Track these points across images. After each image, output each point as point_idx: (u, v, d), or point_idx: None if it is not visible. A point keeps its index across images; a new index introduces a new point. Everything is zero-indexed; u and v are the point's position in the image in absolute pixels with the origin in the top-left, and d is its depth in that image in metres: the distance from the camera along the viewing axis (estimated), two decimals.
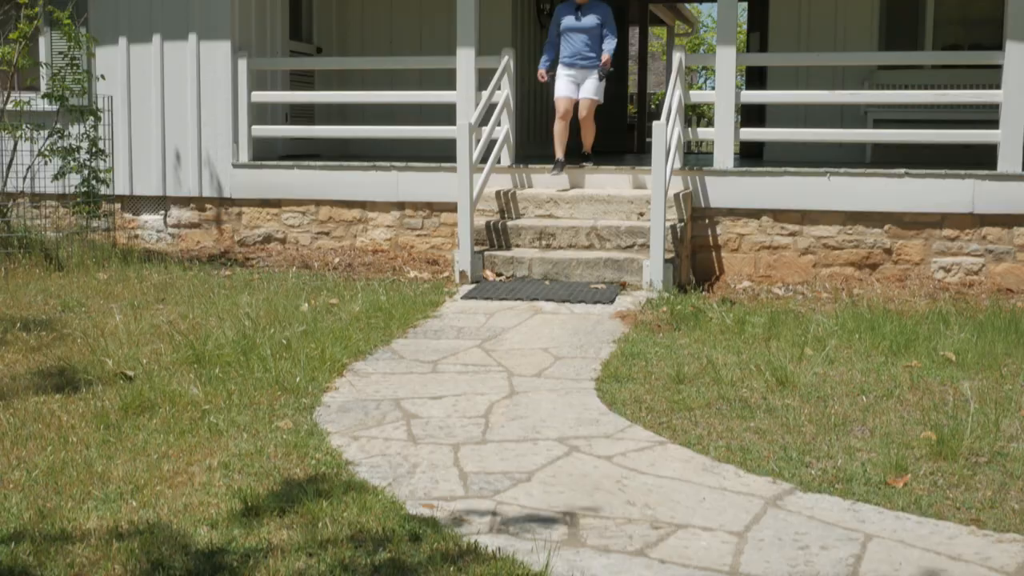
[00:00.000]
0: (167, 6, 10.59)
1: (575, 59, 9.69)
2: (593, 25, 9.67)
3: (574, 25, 9.68)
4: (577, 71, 9.71)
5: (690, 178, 9.59)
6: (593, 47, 9.69)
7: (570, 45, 9.70)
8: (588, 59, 9.69)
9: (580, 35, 9.67)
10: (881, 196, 9.23)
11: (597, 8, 9.73)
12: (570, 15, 9.73)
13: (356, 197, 10.29)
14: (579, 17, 9.69)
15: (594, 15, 9.69)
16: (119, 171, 10.75)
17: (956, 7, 11.56)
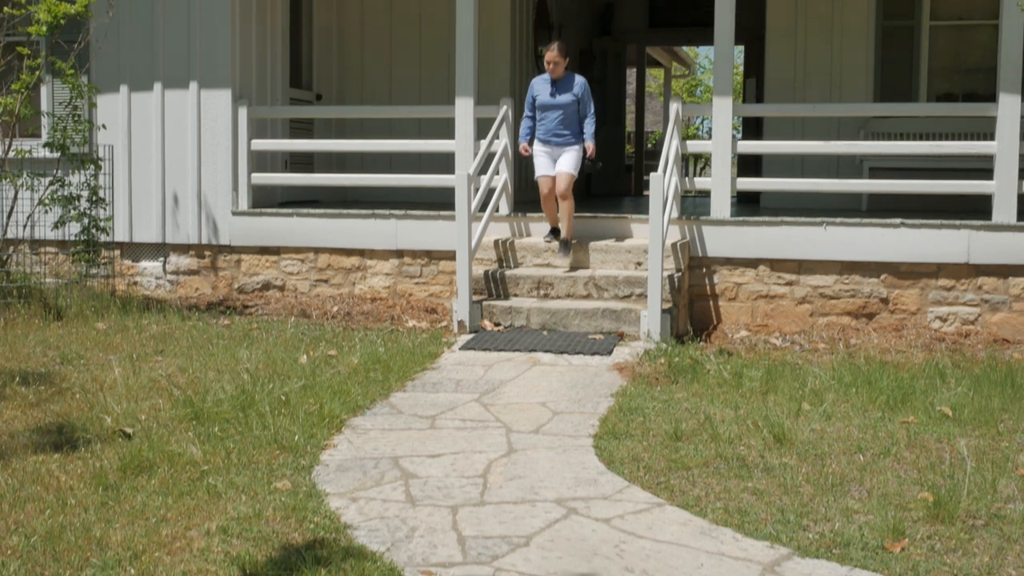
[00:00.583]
0: (169, 55, 10.68)
1: (551, 136, 9.34)
2: (569, 102, 9.27)
3: (549, 102, 9.30)
4: (553, 148, 9.36)
5: (687, 227, 9.64)
6: (569, 123, 9.30)
7: (546, 121, 9.34)
8: (563, 136, 9.32)
9: (556, 112, 9.29)
10: (877, 246, 9.28)
11: (573, 83, 9.34)
12: (545, 90, 9.36)
13: (355, 245, 10.33)
14: (554, 93, 9.31)
15: (570, 91, 9.29)
16: (119, 218, 10.80)
17: (950, 56, 11.68)
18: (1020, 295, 9.08)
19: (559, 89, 9.30)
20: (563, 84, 9.32)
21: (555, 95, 9.29)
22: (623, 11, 16.99)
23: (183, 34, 10.63)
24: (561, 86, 9.31)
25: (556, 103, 9.28)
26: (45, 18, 9.32)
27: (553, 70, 9.30)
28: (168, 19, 10.65)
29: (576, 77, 9.37)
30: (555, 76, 9.32)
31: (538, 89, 9.38)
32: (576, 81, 9.34)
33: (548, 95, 9.31)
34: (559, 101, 9.27)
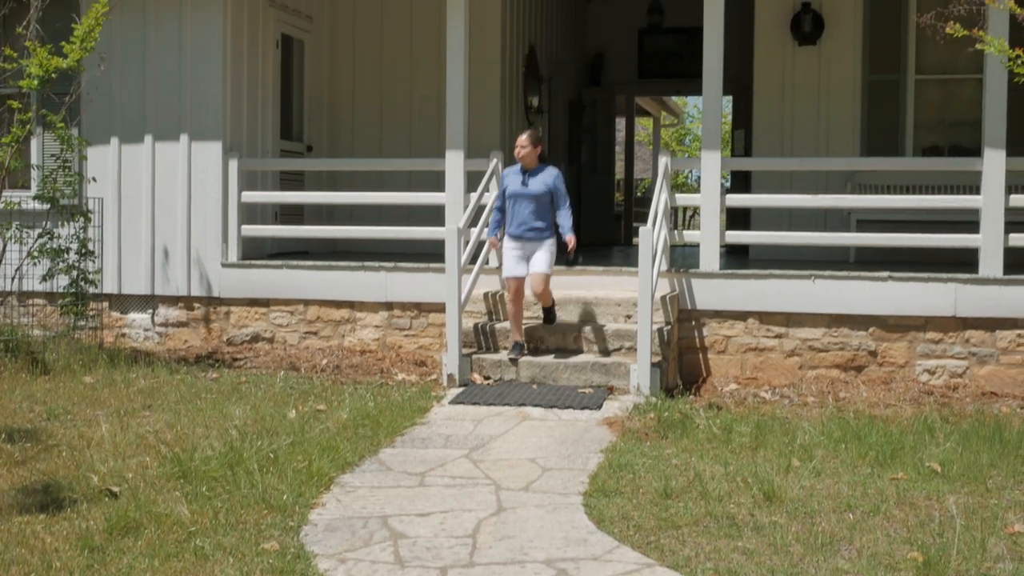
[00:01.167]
0: (160, 107, 10.73)
1: (522, 230, 8.83)
2: (541, 192, 8.80)
3: (521, 191, 8.81)
4: (525, 244, 8.84)
5: (677, 280, 9.67)
6: (541, 216, 8.83)
7: (517, 214, 8.84)
8: (536, 230, 8.82)
9: (527, 203, 8.81)
10: (865, 299, 9.32)
11: (546, 173, 8.90)
12: (516, 180, 8.90)
13: (344, 297, 10.33)
14: (526, 182, 8.85)
15: (542, 181, 8.83)
16: (108, 269, 10.80)
17: (935, 109, 11.80)
18: (1007, 348, 9.11)
19: (531, 179, 8.87)
20: (535, 174, 8.90)
21: (526, 184, 8.84)
22: (612, 62, 17.15)
23: (175, 87, 10.69)
24: (533, 176, 8.89)
25: (528, 193, 8.82)
26: (37, 72, 9.35)
27: (523, 159, 8.89)
28: (160, 72, 10.72)
29: (549, 167, 8.97)
30: (526, 165, 8.91)
31: (509, 179, 8.97)
32: (549, 171, 8.92)
33: (519, 185, 8.86)
34: (531, 191, 8.81)
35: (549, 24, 14.93)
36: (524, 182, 8.86)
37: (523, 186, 8.85)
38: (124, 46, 10.72)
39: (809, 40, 11.78)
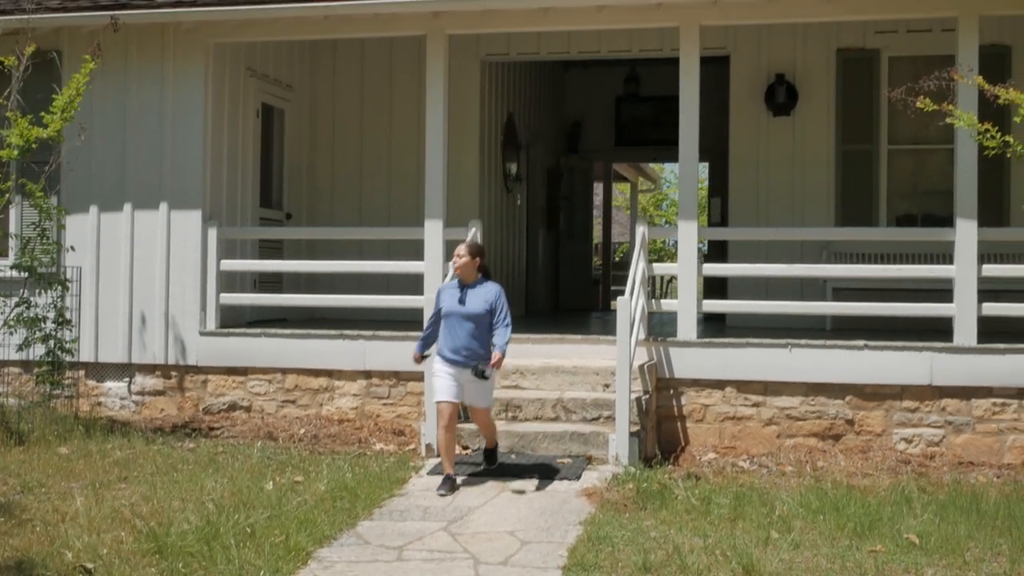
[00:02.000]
0: (140, 176, 10.77)
1: (458, 354, 7.74)
2: (480, 312, 7.77)
3: (457, 310, 7.80)
4: (459, 369, 7.74)
5: (655, 348, 9.72)
6: (480, 338, 7.77)
7: (452, 335, 7.78)
8: (473, 353, 7.76)
9: (464, 323, 7.77)
10: (841, 368, 9.38)
11: (486, 289, 7.88)
12: (452, 296, 7.89)
13: (323, 365, 10.32)
14: (464, 299, 7.83)
15: (483, 299, 7.82)
16: (85, 338, 10.75)
17: (908, 178, 11.98)
18: (983, 417, 9.17)
19: (470, 295, 7.85)
20: (474, 290, 7.87)
21: (464, 302, 7.82)
22: (590, 130, 17.35)
23: (155, 155, 10.74)
24: (472, 292, 7.86)
25: (466, 312, 7.78)
26: (16, 142, 9.39)
27: (461, 270, 7.90)
28: (140, 140, 10.77)
29: (490, 284, 7.94)
30: (464, 279, 7.90)
31: (444, 296, 7.97)
32: (490, 288, 7.89)
33: (456, 302, 7.83)
34: (468, 310, 7.79)
35: (527, 93, 15.12)
36: (461, 299, 7.82)
37: (460, 304, 7.80)
38: (105, 115, 10.78)
39: (783, 111, 11.98)
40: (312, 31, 10.69)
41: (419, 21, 10.23)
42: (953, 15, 9.44)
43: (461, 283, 7.91)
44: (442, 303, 7.93)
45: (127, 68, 10.79)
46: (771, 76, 12.03)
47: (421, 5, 9.90)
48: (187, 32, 10.65)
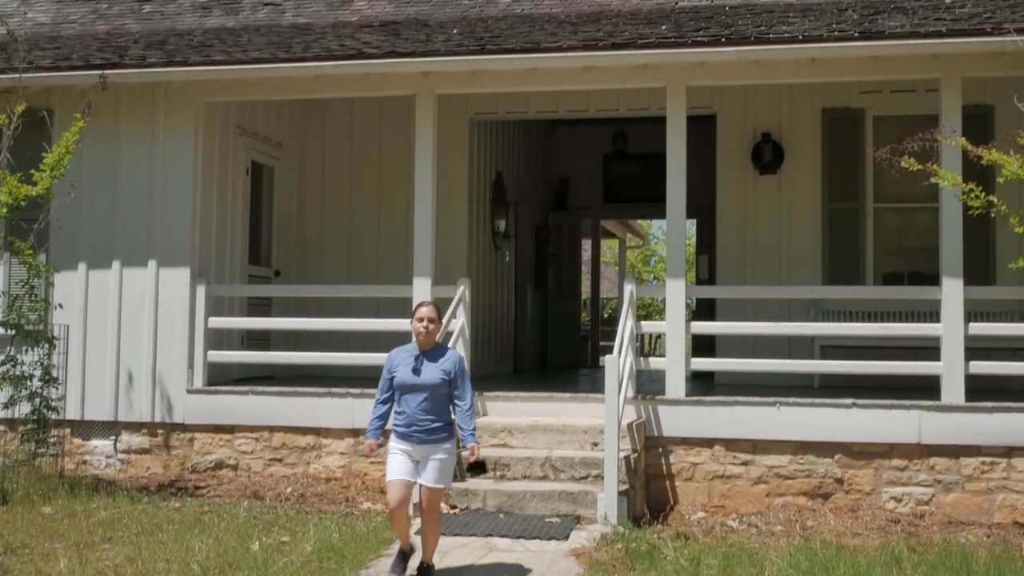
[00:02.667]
0: (129, 233, 10.78)
1: (412, 430, 6.84)
2: (437, 382, 6.89)
3: (412, 381, 6.88)
4: (414, 446, 6.86)
5: (643, 407, 9.70)
6: (438, 412, 6.90)
7: (406, 409, 6.87)
8: (429, 429, 6.86)
9: (420, 396, 6.86)
10: (830, 426, 9.37)
11: (445, 358, 7.00)
12: (407, 364, 6.95)
13: (310, 423, 10.27)
14: (419, 369, 6.91)
15: (441, 368, 6.93)
16: (71, 396, 10.69)
17: (894, 236, 12.05)
18: (972, 476, 9.15)
19: (426, 364, 6.94)
20: (433, 358, 6.98)
21: (419, 372, 6.91)
22: (578, 187, 17.44)
23: (144, 213, 10.76)
24: (430, 360, 6.96)
25: (421, 383, 6.89)
26: (6, 200, 9.41)
27: (424, 336, 6.97)
28: (129, 198, 10.80)
29: (449, 350, 7.14)
30: (423, 345, 6.99)
31: (397, 362, 7.00)
32: (450, 356, 7.04)
33: (410, 372, 6.91)
34: (424, 380, 6.89)
35: (516, 151, 15.22)
36: (417, 369, 6.92)
37: (415, 374, 6.90)
38: (95, 172, 10.82)
39: (770, 169, 12.08)
40: (302, 91, 10.78)
41: (408, 81, 10.32)
42: (936, 76, 9.57)
43: (418, 350, 6.99)
44: (395, 373, 6.95)
45: (117, 126, 10.85)
46: (757, 135, 12.15)
47: (410, 65, 9.99)
48: (177, 91, 10.72)
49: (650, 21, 10.50)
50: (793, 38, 9.29)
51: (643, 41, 9.59)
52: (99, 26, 12.59)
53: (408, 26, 11.34)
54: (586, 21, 10.83)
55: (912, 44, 9.12)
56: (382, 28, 11.35)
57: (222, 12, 12.79)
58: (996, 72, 9.45)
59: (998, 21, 9.17)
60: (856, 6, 10.48)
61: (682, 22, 10.30)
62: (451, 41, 10.27)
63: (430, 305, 7.10)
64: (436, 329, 7.05)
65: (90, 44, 11.49)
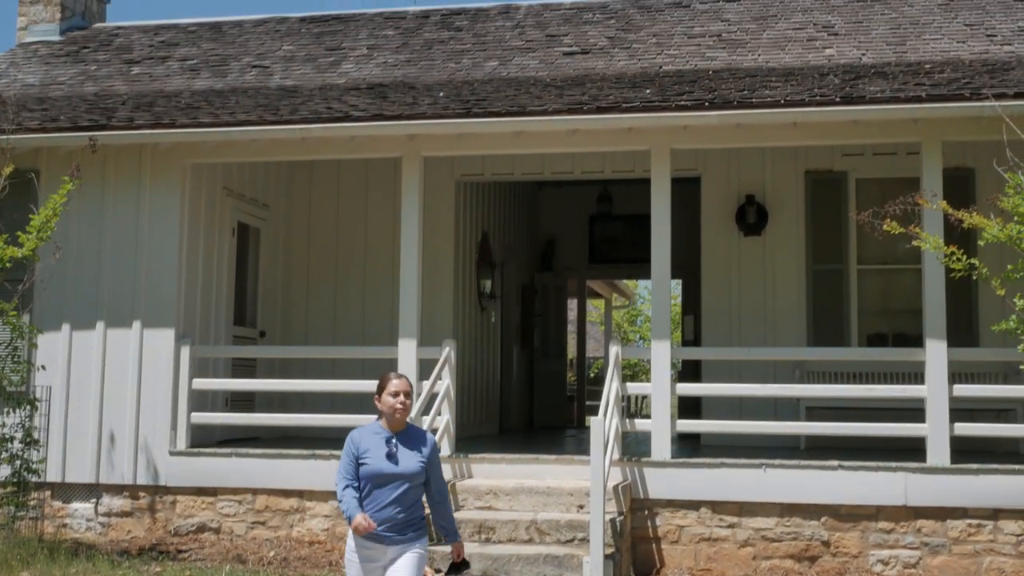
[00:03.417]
0: (113, 294, 10.76)
1: (383, 528, 5.60)
2: (418, 470, 5.70)
3: (389, 470, 5.64)
4: (385, 547, 5.64)
5: (629, 468, 9.66)
6: (412, 505, 5.70)
7: (376, 504, 5.64)
8: (403, 527, 5.67)
9: (395, 487, 5.65)
10: (816, 488, 9.34)
11: (420, 440, 5.82)
12: (379, 450, 5.68)
13: (294, 486, 10.19)
14: (395, 455, 5.68)
15: (417, 453, 5.74)
16: (52, 458, 10.59)
17: (878, 297, 12.11)
18: (958, 538, 9.12)
19: (401, 450, 5.72)
20: (407, 441, 5.77)
21: (396, 459, 5.68)
22: (564, 248, 17.51)
23: (129, 273, 10.75)
24: (404, 444, 5.75)
25: (399, 473, 5.66)
26: None
27: (400, 414, 5.74)
28: (115, 259, 10.79)
29: (421, 431, 5.95)
30: (396, 426, 5.77)
31: (366, 446, 5.70)
32: (426, 438, 5.87)
33: (384, 459, 5.67)
34: (404, 469, 5.68)
35: (502, 212, 15.29)
36: (392, 455, 5.69)
37: (391, 462, 5.67)
38: (80, 232, 10.81)
39: (754, 231, 12.15)
40: (289, 152, 10.84)
41: (395, 143, 10.39)
42: (917, 140, 9.69)
43: (390, 432, 5.76)
44: (366, 460, 5.66)
45: (104, 187, 10.87)
46: (741, 197, 12.23)
47: (397, 128, 10.06)
48: (165, 153, 10.77)
49: (634, 85, 10.63)
50: (775, 102, 9.40)
51: (627, 105, 9.69)
52: (87, 87, 12.68)
53: (395, 89, 11.46)
54: (571, 85, 10.95)
55: (892, 109, 9.24)
56: (369, 91, 11.46)
57: (210, 74, 12.91)
58: (975, 136, 9.56)
59: (976, 86, 9.31)
60: (837, 71, 10.64)
61: (666, 86, 10.42)
62: (437, 104, 10.36)
63: (403, 377, 5.86)
64: (411, 405, 5.91)
65: (78, 105, 11.56)
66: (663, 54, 12.15)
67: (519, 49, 12.81)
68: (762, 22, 12.90)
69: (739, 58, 11.77)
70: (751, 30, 12.67)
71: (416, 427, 5.96)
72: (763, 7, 13.42)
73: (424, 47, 13.24)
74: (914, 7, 12.94)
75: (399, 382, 5.81)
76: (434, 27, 13.93)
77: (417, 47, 13.27)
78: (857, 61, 11.28)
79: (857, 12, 12.98)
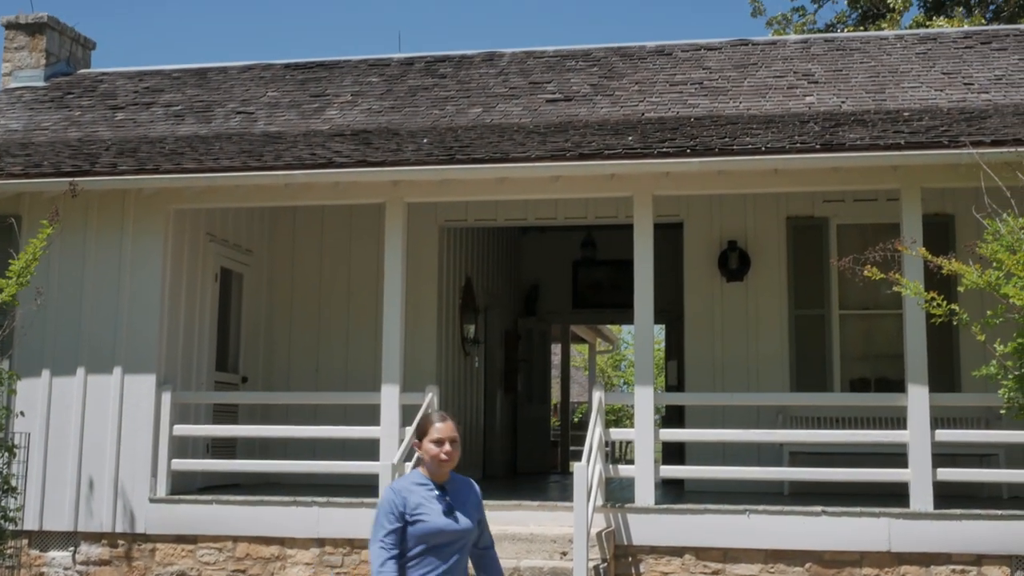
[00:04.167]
0: (94, 340, 10.69)
1: None
2: (473, 526, 4.86)
3: (451, 528, 4.75)
4: None
5: (612, 515, 9.62)
6: (464, 568, 4.86)
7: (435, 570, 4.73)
8: None
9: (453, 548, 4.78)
10: (800, 534, 9.32)
11: (468, 487, 4.99)
12: (432, 506, 4.77)
13: (275, 533, 10.10)
14: (451, 510, 4.80)
15: (474, 502, 4.94)
16: (30, 505, 10.47)
17: (860, 342, 12.14)
18: None
19: (456, 500, 4.86)
20: (457, 493, 4.91)
21: (454, 514, 4.80)
22: (548, 293, 17.54)
23: (111, 319, 10.69)
24: (456, 495, 4.89)
25: (459, 530, 4.79)
26: None
27: (448, 462, 4.88)
28: (96, 304, 10.73)
29: (466, 479, 5.05)
30: (442, 476, 4.88)
31: (416, 501, 4.77)
32: (470, 484, 5.03)
33: (441, 514, 4.77)
34: (464, 526, 4.81)
35: (486, 257, 15.33)
36: (450, 509, 4.81)
37: (450, 518, 4.79)
38: (62, 278, 10.76)
39: (736, 276, 12.20)
40: (273, 198, 10.85)
41: (378, 189, 10.42)
42: (896, 187, 9.77)
43: (436, 483, 4.87)
44: (420, 518, 4.74)
45: (86, 232, 10.83)
46: (724, 243, 12.28)
47: (380, 174, 10.09)
48: (148, 198, 10.76)
49: (617, 132, 10.70)
50: (756, 149, 9.47)
51: (610, 152, 9.74)
52: (71, 133, 12.70)
53: (379, 135, 11.50)
54: (554, 131, 11.02)
55: (872, 156, 9.32)
56: (353, 137, 11.50)
57: (195, 120, 12.95)
58: (954, 183, 9.64)
59: (954, 134, 9.41)
60: (818, 119, 10.75)
61: (648, 133, 10.50)
62: (421, 150, 10.41)
63: (448, 420, 4.94)
64: (458, 453, 4.93)
65: (61, 151, 11.56)
66: (645, 101, 12.26)
67: (502, 96, 12.90)
68: (743, 70, 13.04)
69: (721, 105, 11.88)
70: (732, 78, 12.81)
71: (458, 474, 5.01)
72: (744, 55, 13.59)
73: (408, 93, 13.32)
74: (892, 56, 13.12)
75: (443, 427, 4.89)
76: (418, 74, 14.03)
77: (401, 94, 13.35)
78: (837, 109, 11.40)
79: (837, 61, 13.15)
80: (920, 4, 23.94)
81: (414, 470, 5.03)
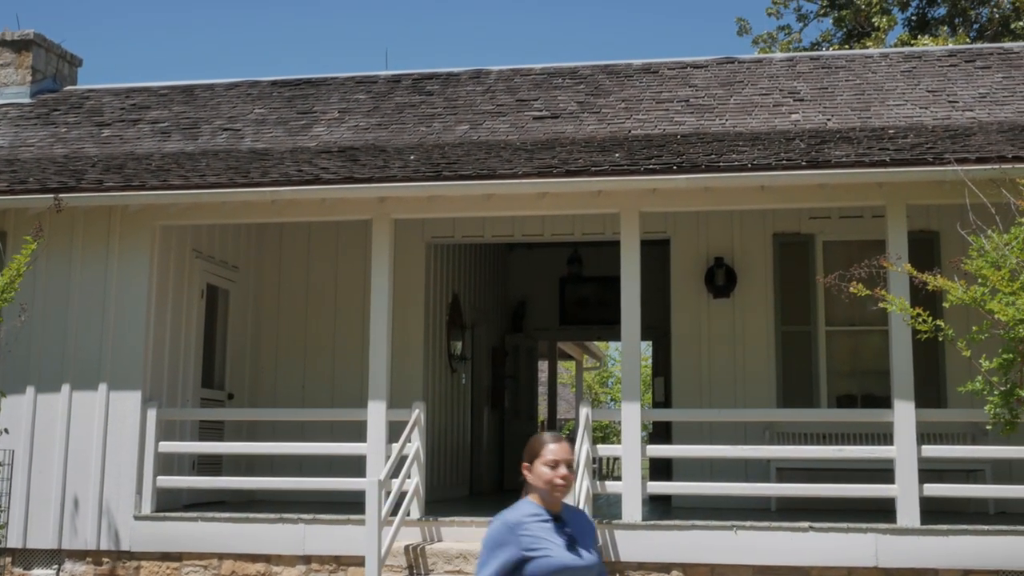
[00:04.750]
0: (80, 357, 10.64)
1: None
2: (597, 560, 4.34)
3: (574, 563, 4.21)
4: None
5: (600, 531, 9.59)
6: None
7: None
8: None
9: None
10: (787, 550, 9.30)
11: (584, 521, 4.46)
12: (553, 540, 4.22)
13: (261, 550, 10.04)
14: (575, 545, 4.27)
15: (591, 532, 4.44)
16: (14, 523, 10.41)
17: (846, 359, 12.18)
18: None
19: (577, 533, 4.34)
20: (575, 524, 4.37)
21: (577, 548, 4.27)
22: (535, 309, 17.55)
23: (96, 335, 10.65)
24: (575, 529, 4.35)
25: (584, 567, 4.27)
26: None
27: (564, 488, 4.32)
28: (82, 320, 10.69)
29: (579, 510, 4.58)
30: (558, 505, 4.33)
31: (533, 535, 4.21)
32: (585, 516, 4.53)
33: (564, 549, 4.23)
34: (589, 562, 4.29)
35: (473, 273, 15.33)
36: (570, 544, 4.27)
37: (572, 552, 4.25)
38: (48, 294, 10.74)
39: (723, 293, 12.23)
40: (259, 215, 10.82)
41: (365, 206, 10.41)
42: (882, 204, 9.81)
43: (551, 512, 4.30)
44: (539, 551, 4.17)
45: (72, 249, 10.81)
46: (710, 259, 12.31)
47: (367, 191, 10.08)
48: (134, 215, 10.73)
49: (603, 149, 10.73)
50: (742, 166, 9.50)
51: (596, 168, 9.76)
52: (57, 150, 12.67)
53: (366, 152, 11.51)
54: (541, 148, 11.05)
55: (857, 172, 9.36)
56: (340, 154, 11.50)
57: (181, 137, 12.94)
58: (939, 200, 9.69)
59: (939, 151, 9.46)
60: (803, 136, 10.80)
61: (635, 150, 10.53)
62: (408, 167, 10.41)
63: (563, 441, 4.40)
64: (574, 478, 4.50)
65: (47, 168, 11.53)
66: (632, 118, 12.30)
67: (490, 113, 12.93)
68: (729, 88, 13.10)
69: (707, 123, 11.93)
70: (719, 95, 12.87)
71: (569, 504, 4.45)
72: (730, 73, 13.65)
73: (395, 111, 13.34)
74: (877, 74, 13.20)
75: (558, 448, 4.33)
76: (405, 91, 14.05)
77: (388, 111, 13.37)
78: (823, 126, 11.46)
79: (822, 79, 13.22)
80: (905, 23, 24.13)
81: (523, 500, 4.35)
